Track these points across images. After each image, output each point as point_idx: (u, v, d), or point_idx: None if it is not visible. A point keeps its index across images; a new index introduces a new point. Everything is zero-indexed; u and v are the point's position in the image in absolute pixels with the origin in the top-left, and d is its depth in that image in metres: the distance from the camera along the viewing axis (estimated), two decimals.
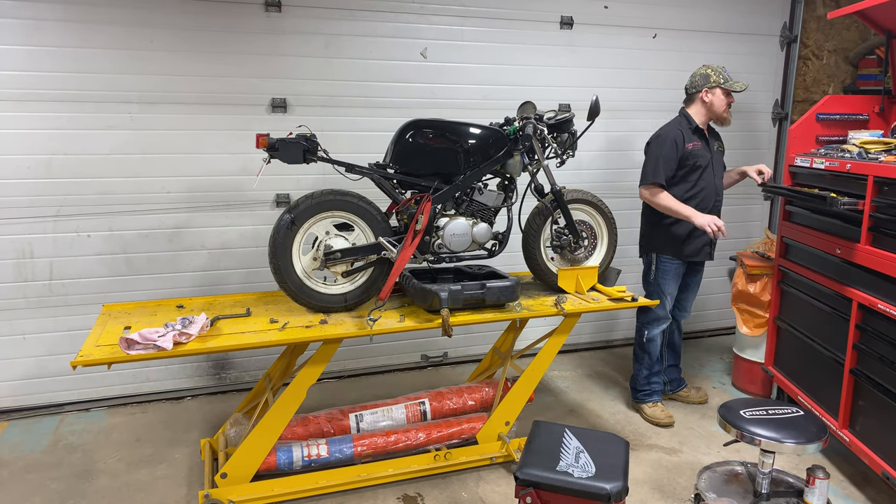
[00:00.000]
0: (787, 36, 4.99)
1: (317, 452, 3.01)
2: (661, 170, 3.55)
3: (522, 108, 3.25)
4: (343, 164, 3.00)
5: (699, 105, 3.66)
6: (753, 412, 2.64)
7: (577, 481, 2.17)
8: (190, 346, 2.58)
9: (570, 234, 3.34)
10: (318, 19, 3.90)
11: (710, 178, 3.66)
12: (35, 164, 3.58)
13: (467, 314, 3.01)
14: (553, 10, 4.38)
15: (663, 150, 3.57)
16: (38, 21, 3.46)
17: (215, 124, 3.82)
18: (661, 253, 3.75)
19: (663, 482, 3.17)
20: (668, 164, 3.56)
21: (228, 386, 4.15)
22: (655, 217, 3.71)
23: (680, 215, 3.52)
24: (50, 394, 3.83)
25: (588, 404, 4.03)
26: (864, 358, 3.06)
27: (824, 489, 2.57)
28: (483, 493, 3.05)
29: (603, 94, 3.96)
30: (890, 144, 3.24)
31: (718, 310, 5.28)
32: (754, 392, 4.21)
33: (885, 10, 3.38)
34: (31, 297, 3.70)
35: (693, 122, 3.65)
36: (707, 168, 3.64)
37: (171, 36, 3.68)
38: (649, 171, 3.60)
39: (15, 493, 3.04)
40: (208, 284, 3.97)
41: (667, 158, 3.56)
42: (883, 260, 2.89)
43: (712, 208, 3.68)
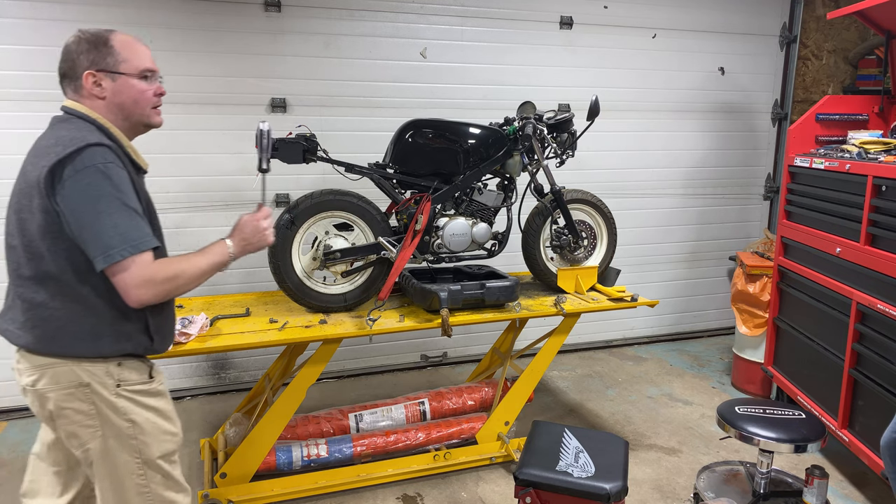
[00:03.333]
0: (787, 36, 4.99)
1: (316, 452, 3.01)
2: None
3: (522, 108, 3.25)
4: (343, 164, 3.00)
5: None
6: (752, 412, 2.64)
7: (576, 481, 2.17)
8: (189, 346, 2.58)
9: (570, 234, 3.34)
10: (317, 19, 3.91)
11: None
12: None
13: (467, 314, 3.01)
14: (553, 10, 4.38)
15: None
16: (38, 21, 3.46)
17: (215, 124, 3.82)
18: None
19: (663, 482, 3.17)
20: None
21: (228, 386, 4.15)
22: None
23: None
24: None
25: (588, 404, 4.03)
26: (863, 358, 3.06)
27: (823, 489, 2.57)
28: (483, 493, 3.05)
29: (603, 94, 3.97)
30: (889, 144, 3.24)
31: (718, 310, 5.28)
32: (754, 392, 4.21)
33: (885, 11, 3.38)
34: None
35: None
36: None
37: (171, 36, 3.68)
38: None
39: (15, 494, 3.03)
40: (208, 284, 3.90)
41: None
42: (883, 260, 2.89)
43: None
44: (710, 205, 5.10)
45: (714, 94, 4.91)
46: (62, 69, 1.81)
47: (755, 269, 4.04)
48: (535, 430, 2.51)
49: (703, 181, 5.02)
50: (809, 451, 2.49)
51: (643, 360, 4.79)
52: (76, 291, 1.72)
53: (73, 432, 1.79)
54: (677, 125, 4.86)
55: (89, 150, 1.66)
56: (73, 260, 1.70)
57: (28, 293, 1.73)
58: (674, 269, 5.10)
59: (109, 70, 1.78)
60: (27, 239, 1.71)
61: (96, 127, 1.76)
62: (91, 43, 1.77)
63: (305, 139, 2.92)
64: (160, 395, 1.88)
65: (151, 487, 1.85)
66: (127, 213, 1.68)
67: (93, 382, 1.75)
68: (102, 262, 1.65)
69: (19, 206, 1.73)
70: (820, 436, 2.51)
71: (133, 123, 1.86)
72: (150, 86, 1.86)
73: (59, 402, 1.77)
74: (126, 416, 1.79)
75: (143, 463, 1.83)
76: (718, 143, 5.01)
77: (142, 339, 1.82)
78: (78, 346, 1.73)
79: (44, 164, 1.66)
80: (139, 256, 1.68)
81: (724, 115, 4.98)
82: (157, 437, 1.84)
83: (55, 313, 1.72)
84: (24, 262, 1.73)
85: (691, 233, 5.08)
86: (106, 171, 1.66)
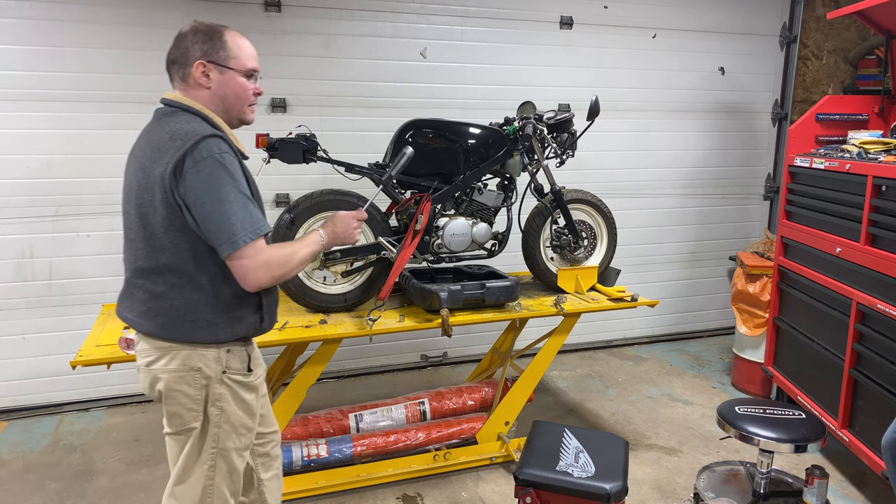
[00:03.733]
0: (787, 36, 4.99)
1: (316, 452, 3.01)
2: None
3: (522, 108, 3.25)
4: (343, 164, 3.00)
5: None
6: (753, 412, 2.64)
7: (576, 481, 2.17)
8: None
9: (570, 234, 3.34)
10: (317, 19, 3.90)
11: None
12: (35, 164, 3.58)
13: (467, 314, 3.01)
14: (553, 10, 4.38)
15: None
16: (37, 21, 3.46)
17: None
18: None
19: (663, 482, 3.17)
20: None
21: None
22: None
23: None
24: (49, 394, 3.83)
25: (588, 404, 4.03)
26: (863, 358, 3.06)
27: (823, 489, 2.57)
28: (483, 493, 3.05)
29: (603, 94, 3.97)
30: (889, 144, 3.24)
31: (718, 310, 5.28)
32: (754, 392, 4.21)
33: (885, 11, 3.38)
34: (31, 297, 3.70)
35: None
36: None
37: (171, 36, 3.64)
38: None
39: (14, 493, 3.04)
40: None
41: None
42: (883, 260, 2.89)
43: None
44: (711, 205, 5.10)
45: (714, 94, 4.91)
46: (173, 55, 1.88)
47: (755, 269, 4.04)
48: (535, 430, 2.51)
49: (703, 181, 5.02)
50: (809, 451, 2.49)
51: (643, 360, 4.79)
52: (195, 282, 1.80)
53: (177, 413, 1.88)
54: (677, 125, 4.86)
55: (205, 141, 1.73)
56: (194, 251, 1.78)
57: (147, 284, 1.82)
58: (674, 269, 5.10)
59: (220, 63, 1.85)
60: (149, 232, 1.78)
61: (202, 118, 1.83)
62: (206, 34, 1.85)
63: (305, 139, 2.92)
64: (253, 390, 1.97)
65: (216, 480, 1.93)
66: (243, 201, 1.76)
67: (203, 367, 1.85)
68: (227, 248, 1.73)
69: (140, 200, 1.79)
70: (820, 436, 2.51)
71: (230, 116, 1.93)
72: (252, 85, 1.94)
73: (169, 383, 1.85)
74: (218, 403, 1.88)
75: (217, 452, 1.91)
76: (718, 143, 5.01)
77: (254, 320, 1.91)
78: (197, 333, 1.82)
79: (166, 160, 1.73)
80: (257, 241, 1.77)
81: (724, 115, 4.98)
82: (237, 430, 1.92)
83: (175, 303, 1.80)
84: (142, 255, 1.80)
85: (691, 233, 5.08)
86: (222, 160, 1.74)
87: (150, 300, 1.82)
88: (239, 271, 1.77)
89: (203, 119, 1.83)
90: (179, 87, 1.88)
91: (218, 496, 1.94)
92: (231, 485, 1.96)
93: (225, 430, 1.90)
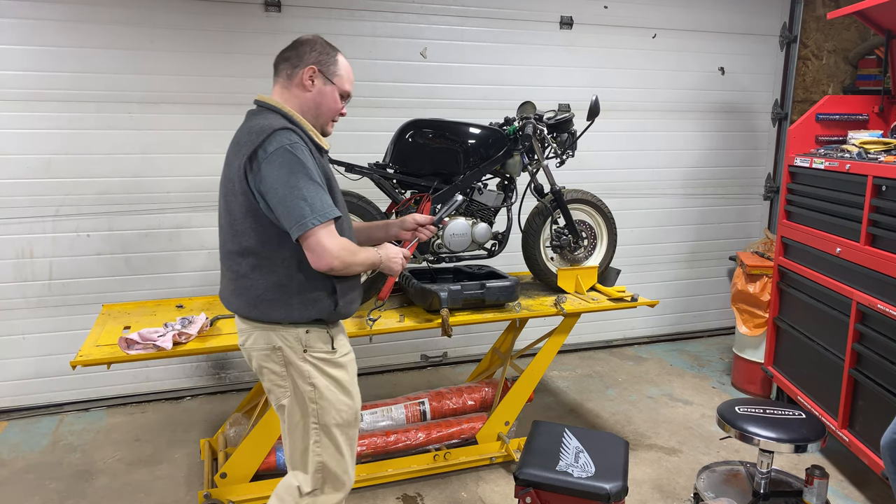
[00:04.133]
0: (787, 36, 4.99)
1: None
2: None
3: (522, 108, 3.25)
4: (343, 164, 3.00)
5: None
6: (753, 412, 2.64)
7: (576, 481, 2.17)
8: (189, 346, 2.58)
9: (570, 234, 3.34)
10: (317, 19, 3.90)
11: None
12: (35, 164, 3.58)
13: (467, 314, 3.01)
14: (553, 10, 4.38)
15: None
16: (38, 21, 3.46)
17: (215, 124, 3.82)
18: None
19: (663, 482, 3.17)
20: None
21: (228, 386, 4.15)
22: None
23: None
24: (49, 394, 3.83)
25: (588, 404, 4.03)
26: (863, 358, 3.06)
27: (823, 489, 2.57)
28: (483, 493, 3.05)
29: (603, 94, 3.97)
30: (889, 144, 3.24)
31: (718, 310, 5.28)
32: (754, 392, 4.21)
33: (885, 10, 3.38)
34: (31, 297, 3.70)
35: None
36: None
37: (171, 36, 3.68)
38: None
39: (14, 493, 3.04)
40: (208, 284, 3.96)
41: None
42: (883, 260, 2.89)
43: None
44: (711, 205, 5.10)
45: (714, 94, 4.91)
46: (287, 54, 2.04)
47: (755, 269, 4.04)
48: (536, 430, 2.51)
49: (703, 181, 5.02)
50: (809, 451, 2.49)
51: (643, 360, 4.79)
52: (271, 264, 1.96)
53: (270, 389, 2.08)
54: (677, 125, 4.86)
55: (276, 133, 1.88)
56: (268, 235, 1.93)
57: (234, 265, 2.01)
58: (674, 269, 5.10)
59: (326, 75, 2.04)
60: (232, 218, 1.97)
61: (282, 115, 1.98)
62: (323, 48, 2.05)
63: None
64: (341, 367, 2.09)
65: (323, 456, 2.07)
66: (313, 187, 1.88)
67: (284, 347, 2.00)
68: (297, 230, 1.85)
69: (225, 190, 1.99)
70: (820, 436, 2.51)
71: (317, 123, 2.08)
72: (342, 104, 2.12)
73: (259, 360, 2.05)
74: (309, 380, 2.02)
75: (321, 428, 2.05)
76: (718, 143, 5.01)
77: (327, 304, 2.03)
78: (273, 313, 1.98)
79: (244, 152, 1.89)
80: (326, 225, 1.89)
81: (724, 115, 4.98)
82: (334, 405, 2.05)
83: (255, 283, 1.97)
84: (229, 238, 2.00)
85: (691, 233, 5.08)
86: (292, 149, 1.87)
87: (236, 279, 2.00)
88: (310, 253, 1.89)
89: (283, 116, 1.98)
90: (281, 84, 2.04)
91: (327, 473, 2.08)
92: (340, 462, 2.10)
93: (323, 407, 2.04)
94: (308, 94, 2.02)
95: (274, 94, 2.06)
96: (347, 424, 2.10)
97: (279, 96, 2.04)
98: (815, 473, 2.58)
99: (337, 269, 1.92)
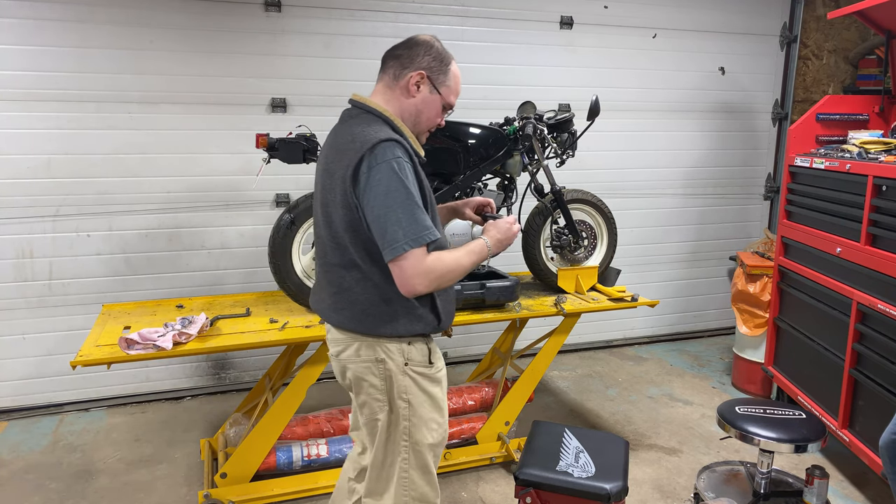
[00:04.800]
0: (787, 36, 4.99)
1: (316, 452, 3.01)
2: None
3: (522, 107, 3.25)
4: None
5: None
6: (753, 412, 2.64)
7: (576, 481, 2.17)
8: (190, 346, 2.58)
9: (570, 233, 3.34)
10: (318, 19, 3.90)
11: None
12: (35, 164, 3.58)
13: (467, 314, 3.01)
14: (553, 10, 4.38)
15: None
16: (38, 21, 3.46)
17: (215, 124, 3.82)
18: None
19: (663, 482, 3.17)
20: None
21: (228, 386, 4.15)
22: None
23: None
24: (49, 394, 3.83)
25: (588, 404, 4.03)
26: (863, 358, 3.06)
27: (823, 489, 2.57)
28: (483, 493, 3.05)
29: (603, 94, 3.96)
30: (890, 144, 3.23)
31: (718, 310, 5.28)
32: (754, 392, 4.21)
33: (885, 10, 3.38)
34: (31, 297, 3.70)
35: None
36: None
37: (171, 36, 3.68)
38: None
39: (14, 493, 3.04)
40: (208, 284, 3.97)
41: None
42: (883, 260, 2.89)
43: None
44: (711, 205, 5.10)
45: (714, 94, 4.91)
46: (399, 51, 1.93)
47: (755, 269, 4.04)
48: (536, 430, 2.51)
49: (703, 181, 5.02)
50: (810, 451, 2.49)
51: (643, 360, 4.79)
52: (375, 279, 1.88)
53: (366, 402, 1.98)
54: (677, 125, 4.86)
55: (381, 146, 1.78)
56: (370, 251, 1.86)
57: (335, 278, 1.94)
58: (674, 269, 5.10)
59: (434, 84, 1.93)
60: (332, 230, 1.90)
61: (384, 121, 1.90)
62: (438, 54, 1.93)
63: (305, 139, 2.92)
64: (437, 382, 2.02)
65: (411, 474, 1.98)
66: (411, 208, 1.79)
67: (387, 359, 1.93)
68: (389, 253, 1.78)
69: (325, 200, 1.91)
70: (820, 436, 2.51)
71: (415, 129, 2.00)
72: (442, 115, 2.02)
73: (357, 373, 1.96)
74: (405, 396, 1.95)
75: (411, 446, 1.97)
76: (719, 143, 5.01)
77: (431, 319, 1.97)
78: (379, 327, 1.91)
79: (346, 162, 1.81)
80: (417, 250, 1.79)
81: (724, 115, 4.98)
82: (426, 423, 1.98)
83: (359, 297, 1.90)
84: (330, 251, 1.93)
85: (691, 233, 5.08)
86: (396, 166, 1.78)
87: (337, 293, 1.93)
88: (397, 277, 1.82)
89: (385, 122, 1.89)
90: (385, 83, 1.94)
91: (413, 490, 1.99)
92: (427, 483, 2.01)
93: (415, 424, 1.96)
94: (411, 100, 1.93)
95: (375, 92, 1.96)
96: (437, 443, 2.03)
97: (380, 97, 1.94)
98: (816, 473, 2.57)
99: (424, 292, 1.86)
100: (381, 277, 1.87)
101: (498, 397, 3.31)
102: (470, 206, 2.31)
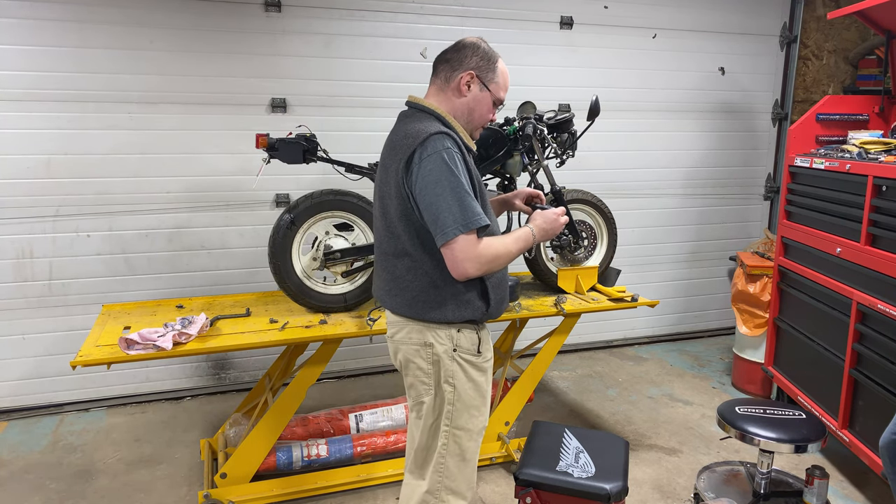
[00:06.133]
0: (787, 36, 4.99)
1: (316, 452, 3.01)
2: None
3: (522, 108, 3.25)
4: (343, 164, 3.00)
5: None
6: (753, 412, 2.64)
7: (576, 481, 2.17)
8: (189, 346, 2.58)
9: (570, 234, 3.34)
10: (318, 19, 3.90)
11: None
12: (35, 164, 3.58)
13: None
14: (553, 10, 4.38)
15: None
16: (38, 21, 3.46)
17: (215, 124, 3.82)
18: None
19: (663, 482, 3.17)
20: None
21: (228, 386, 4.15)
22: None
23: None
24: (49, 394, 3.83)
25: (588, 404, 4.03)
26: (863, 358, 3.06)
27: (823, 489, 2.57)
28: (483, 493, 3.05)
29: (603, 94, 3.97)
30: (890, 144, 3.23)
31: (718, 310, 5.28)
32: (754, 392, 4.21)
33: (885, 11, 3.38)
34: (31, 297, 3.70)
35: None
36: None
37: (171, 36, 3.68)
38: None
39: (14, 493, 3.04)
40: (208, 284, 3.97)
41: None
42: (883, 260, 2.89)
43: None
44: (711, 205, 5.10)
45: (714, 94, 4.91)
46: (448, 55, 2.04)
47: (755, 269, 4.04)
48: (536, 430, 2.51)
49: (703, 181, 5.02)
50: (810, 451, 2.49)
51: (643, 361, 4.79)
52: (426, 267, 1.98)
53: (413, 384, 2.09)
54: (677, 125, 4.86)
55: (431, 138, 1.89)
56: (422, 239, 1.96)
57: (390, 266, 2.05)
58: (674, 269, 5.10)
59: (484, 82, 2.03)
60: (388, 221, 2.02)
61: (436, 118, 2.01)
62: (485, 54, 2.03)
63: (305, 139, 2.92)
64: (483, 371, 2.11)
65: (447, 461, 2.06)
66: (461, 195, 1.87)
67: (436, 343, 2.02)
68: (441, 238, 1.88)
69: (382, 192, 2.04)
70: (820, 436, 2.51)
71: (466, 128, 2.09)
72: (493, 112, 2.12)
73: (407, 355, 2.07)
74: (451, 381, 2.03)
75: (451, 431, 2.04)
76: (719, 143, 5.01)
77: (480, 305, 2.04)
78: (429, 313, 2.00)
79: (400, 156, 1.93)
80: (468, 235, 1.88)
81: (724, 115, 4.98)
82: (468, 409, 2.06)
83: (410, 284, 2.00)
84: (385, 240, 2.05)
85: (691, 233, 5.08)
86: (446, 156, 1.88)
87: (391, 280, 2.04)
88: (448, 261, 1.91)
89: (437, 118, 2.00)
90: (437, 86, 2.06)
91: (447, 479, 2.05)
92: (460, 473, 2.06)
93: (458, 409, 2.03)
94: (463, 100, 2.03)
95: (429, 94, 2.08)
96: (476, 431, 2.09)
97: (434, 98, 2.06)
98: (816, 474, 2.58)
99: (475, 275, 1.94)
100: (431, 265, 1.96)
101: (498, 397, 3.31)
102: (520, 197, 2.40)
